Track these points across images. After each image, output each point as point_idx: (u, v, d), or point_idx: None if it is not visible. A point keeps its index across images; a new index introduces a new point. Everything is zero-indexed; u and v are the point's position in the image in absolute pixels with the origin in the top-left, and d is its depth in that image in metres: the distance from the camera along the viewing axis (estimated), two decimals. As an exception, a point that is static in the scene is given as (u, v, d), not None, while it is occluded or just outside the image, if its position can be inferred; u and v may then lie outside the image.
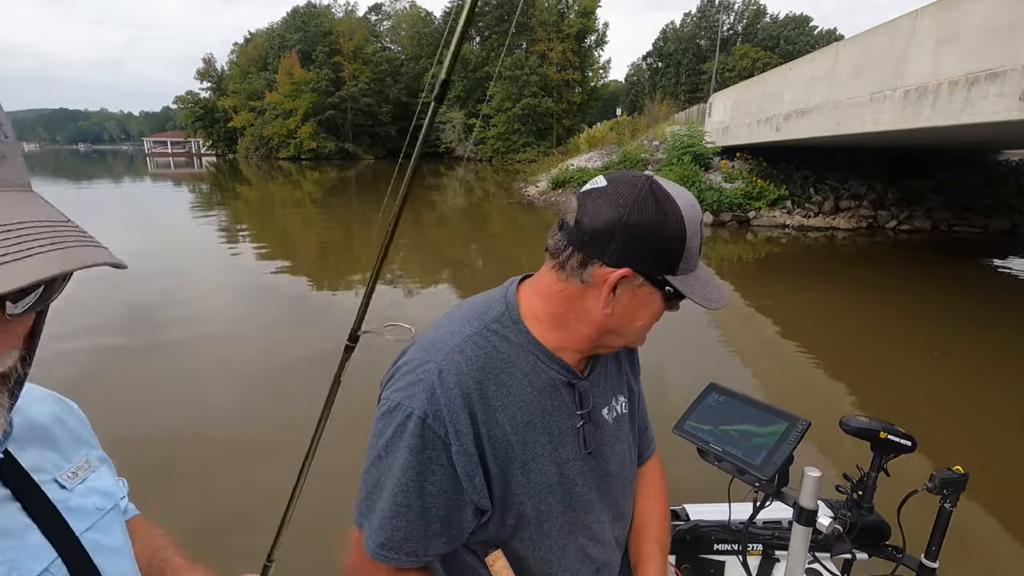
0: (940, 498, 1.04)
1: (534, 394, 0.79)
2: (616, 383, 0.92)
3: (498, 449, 0.76)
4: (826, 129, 9.20)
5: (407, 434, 0.72)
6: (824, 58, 9.70)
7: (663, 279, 0.74)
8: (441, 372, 0.74)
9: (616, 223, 0.71)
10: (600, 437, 0.86)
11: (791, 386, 4.67)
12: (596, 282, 0.74)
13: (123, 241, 10.13)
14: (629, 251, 0.71)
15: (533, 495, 0.79)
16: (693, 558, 1.36)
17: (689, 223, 0.72)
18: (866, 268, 9.40)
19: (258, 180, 30.23)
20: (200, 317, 6.23)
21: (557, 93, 44.67)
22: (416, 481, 0.73)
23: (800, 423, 0.93)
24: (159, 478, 3.08)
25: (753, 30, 60.09)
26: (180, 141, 78.89)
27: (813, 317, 6.58)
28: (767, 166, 13.79)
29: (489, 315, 0.81)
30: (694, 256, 0.75)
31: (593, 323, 0.77)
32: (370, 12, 61.43)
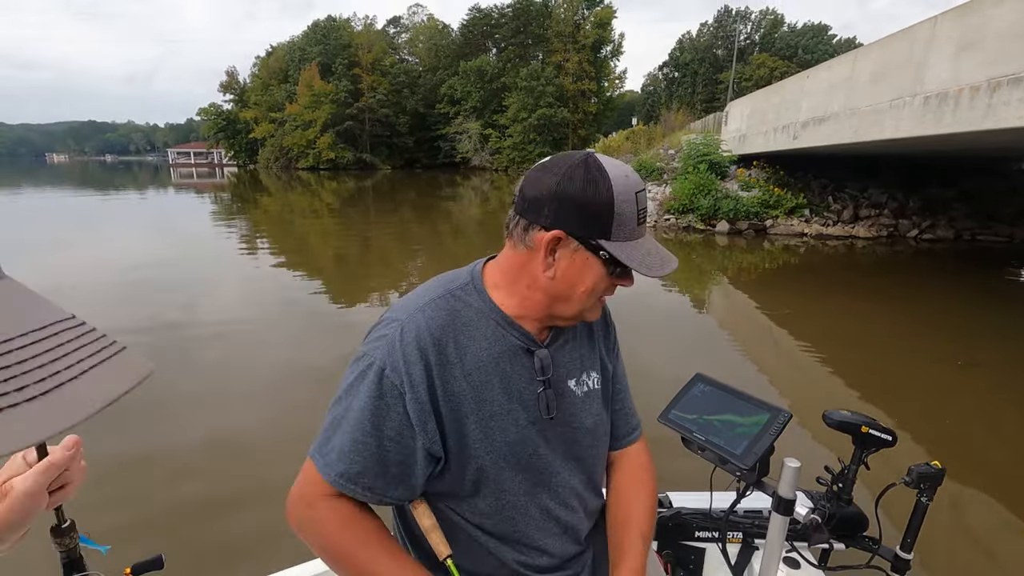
0: (917, 492, 1.06)
1: (493, 356, 0.84)
2: (588, 359, 0.96)
3: (453, 400, 0.82)
4: (845, 137, 9.09)
5: (368, 381, 0.80)
6: (842, 65, 9.61)
7: (597, 244, 0.78)
8: (403, 329, 0.82)
9: (550, 189, 0.78)
10: (565, 406, 0.90)
11: (808, 396, 4.59)
12: (536, 245, 0.81)
13: (148, 250, 10.36)
14: (561, 215, 0.78)
15: (491, 450, 0.84)
16: (674, 544, 1.39)
17: (619, 190, 0.77)
18: (887, 277, 9.23)
19: (278, 190, 30.74)
20: (220, 324, 6.34)
21: (573, 103, 44.89)
22: (373, 423, 0.79)
23: (782, 415, 0.95)
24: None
25: (771, 39, 59.82)
26: (203, 152, 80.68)
27: (832, 326, 6.47)
28: (784, 174, 13.66)
29: (455, 283, 0.89)
30: (629, 223, 0.79)
31: (541, 288, 0.83)
32: (388, 25, 62.51)
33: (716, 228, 12.74)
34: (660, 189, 15.01)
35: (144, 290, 7.61)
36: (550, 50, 45.87)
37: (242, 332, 5.94)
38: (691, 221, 13.01)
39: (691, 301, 7.89)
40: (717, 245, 11.73)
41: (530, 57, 47.82)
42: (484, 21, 51.60)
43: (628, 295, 7.98)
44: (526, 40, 48.22)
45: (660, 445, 1.22)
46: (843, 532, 1.16)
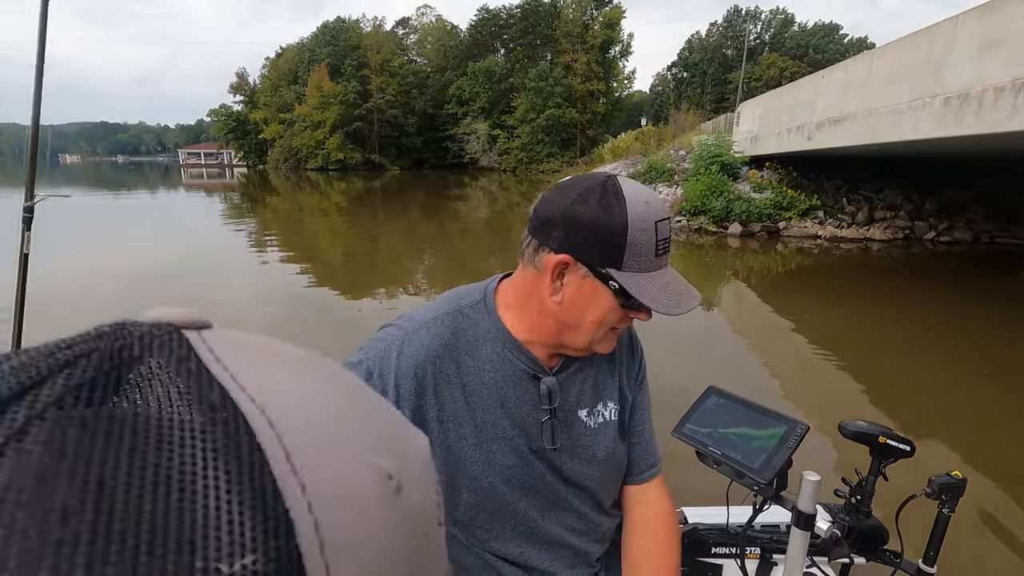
0: (938, 503, 1.04)
1: (496, 380, 0.82)
2: (606, 388, 0.92)
3: (448, 419, 0.81)
4: (861, 138, 8.95)
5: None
6: (858, 65, 9.47)
7: (606, 273, 0.74)
8: (404, 341, 0.81)
9: (562, 211, 0.75)
10: (575, 437, 0.88)
11: (825, 404, 4.49)
12: (544, 268, 0.77)
13: (160, 248, 10.39)
14: (570, 239, 0.74)
15: (492, 474, 0.82)
16: (691, 561, 1.35)
17: (635, 219, 0.72)
18: (903, 280, 9.09)
19: (287, 190, 30.88)
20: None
21: (581, 104, 44.76)
22: None
23: (799, 427, 0.93)
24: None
25: (781, 39, 59.38)
26: (213, 152, 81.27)
27: (848, 331, 6.35)
28: (797, 176, 13.50)
29: (466, 301, 0.86)
30: (645, 255, 0.74)
31: (550, 314, 0.80)
32: (397, 26, 62.65)
33: (728, 230, 12.61)
34: (671, 190, 14.89)
35: (161, 285, 7.62)
36: (558, 50, 45.77)
37: (253, 326, 5.90)
38: (703, 223, 12.89)
39: (704, 305, 7.79)
40: (729, 247, 11.61)
41: (538, 58, 47.74)
42: (492, 22, 51.60)
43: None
44: (534, 40, 48.17)
45: (674, 459, 1.19)
46: (863, 546, 1.12)
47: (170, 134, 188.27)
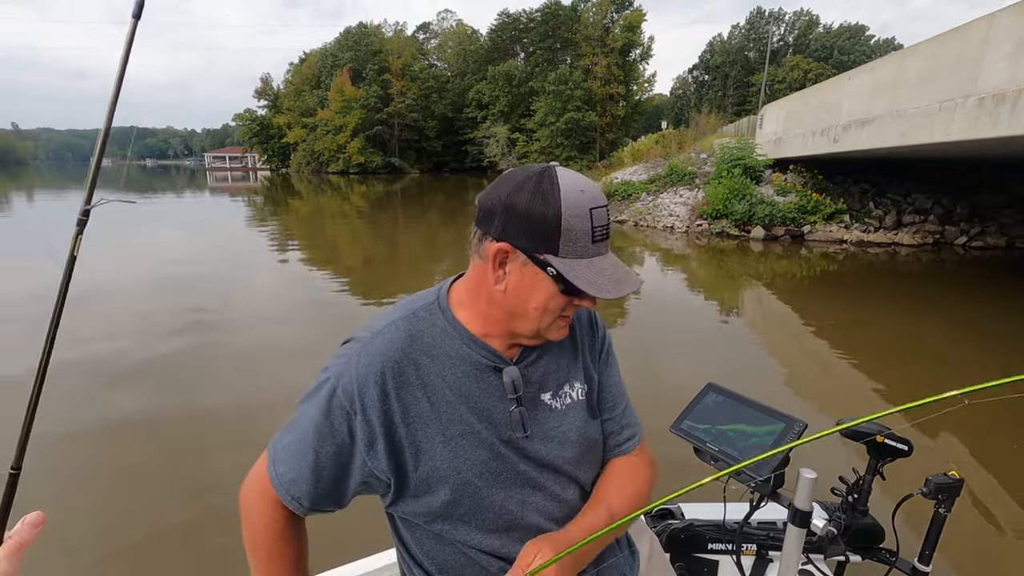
0: (935, 503, 1.04)
1: (458, 376, 0.83)
2: (570, 370, 0.92)
3: (414, 422, 0.81)
4: (889, 140, 8.74)
5: (320, 397, 0.82)
6: (887, 66, 9.26)
7: (544, 259, 0.76)
8: (361, 352, 0.82)
9: (500, 200, 0.77)
10: (542, 421, 0.88)
11: (846, 410, 4.36)
12: (487, 256, 0.79)
13: (188, 249, 10.58)
14: (508, 227, 0.76)
15: (463, 470, 0.83)
16: (687, 557, 1.36)
17: (568, 206, 0.74)
18: (934, 287, 8.82)
19: (309, 193, 31.30)
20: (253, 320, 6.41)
21: (601, 107, 44.57)
22: (315, 438, 0.81)
23: (797, 424, 0.92)
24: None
25: (805, 41, 58.44)
26: (237, 156, 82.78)
27: (870, 337, 6.18)
28: (823, 179, 13.25)
29: (419, 303, 0.88)
30: (581, 240, 0.75)
31: (497, 303, 0.81)
32: (418, 31, 63.20)
33: (751, 234, 12.41)
34: (692, 194, 14.73)
35: (186, 285, 7.75)
36: (578, 54, 45.67)
37: (269, 320, 5.99)
38: (725, 227, 12.70)
39: (725, 309, 7.66)
40: (752, 252, 11.41)
41: (558, 61, 47.68)
42: (512, 26, 51.73)
43: (656, 302, 7.82)
44: (554, 44, 48.13)
45: (672, 455, 1.19)
46: (859, 544, 1.13)
47: (196, 138, 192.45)
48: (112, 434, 3.71)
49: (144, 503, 2.94)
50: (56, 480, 3.12)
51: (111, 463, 3.40)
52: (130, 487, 3.11)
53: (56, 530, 2.68)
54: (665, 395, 4.20)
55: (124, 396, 4.34)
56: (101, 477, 3.24)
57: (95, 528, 2.76)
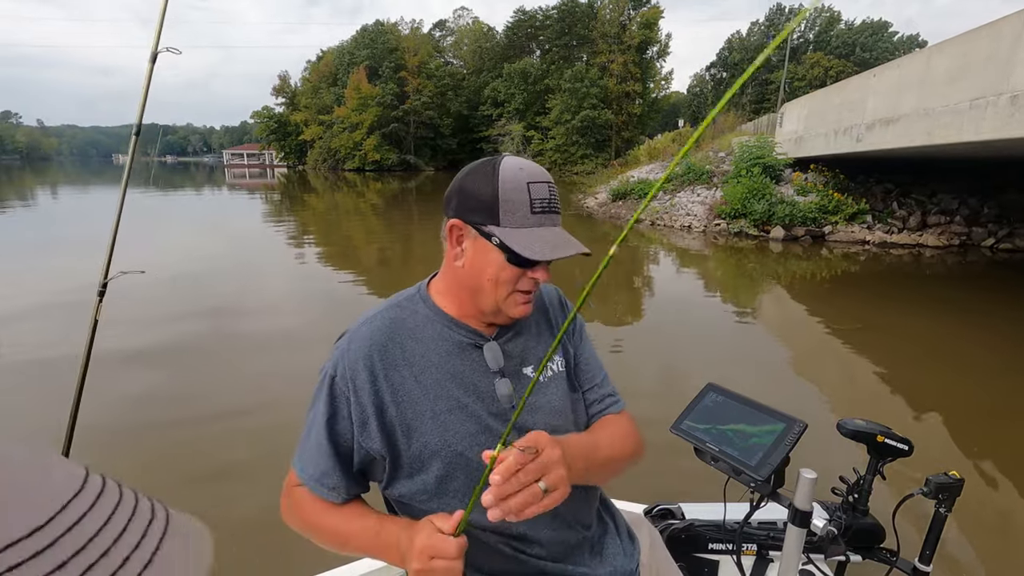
0: (935, 503, 1.04)
1: (442, 355, 0.89)
2: (548, 344, 0.98)
3: (403, 401, 0.87)
4: (916, 139, 8.53)
5: (324, 390, 0.88)
6: (914, 63, 9.03)
7: (488, 231, 0.83)
8: (350, 340, 0.90)
9: (455, 185, 0.88)
10: (530, 394, 0.91)
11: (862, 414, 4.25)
12: (446, 234, 0.88)
13: (207, 245, 10.67)
14: (460, 205, 0.86)
15: (455, 443, 0.86)
16: (688, 556, 1.37)
17: (505, 180, 0.83)
18: (960, 290, 8.59)
19: (325, 190, 31.52)
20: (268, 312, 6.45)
21: (617, 105, 44.26)
22: (329, 427, 0.87)
23: (797, 424, 0.93)
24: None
25: (826, 38, 57.46)
26: (255, 153, 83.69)
27: (895, 341, 6.03)
28: (845, 178, 12.99)
29: (401, 296, 0.97)
30: (520, 210, 0.82)
31: (459, 282, 0.90)
32: (434, 28, 63.35)
33: (770, 234, 12.22)
34: (709, 193, 14.55)
35: (207, 281, 7.84)
36: (595, 51, 45.38)
37: (287, 313, 6.02)
38: (743, 227, 12.52)
39: (741, 309, 7.54)
40: (771, 252, 11.23)
41: (574, 59, 47.43)
42: (528, 23, 51.56)
43: (671, 301, 7.72)
44: (571, 42, 47.89)
45: (672, 455, 1.29)
46: (860, 544, 1.13)
47: (215, 135, 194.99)
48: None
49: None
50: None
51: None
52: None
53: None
54: (675, 394, 4.13)
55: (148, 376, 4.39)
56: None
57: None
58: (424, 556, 0.77)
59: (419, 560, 0.77)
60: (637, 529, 1.12)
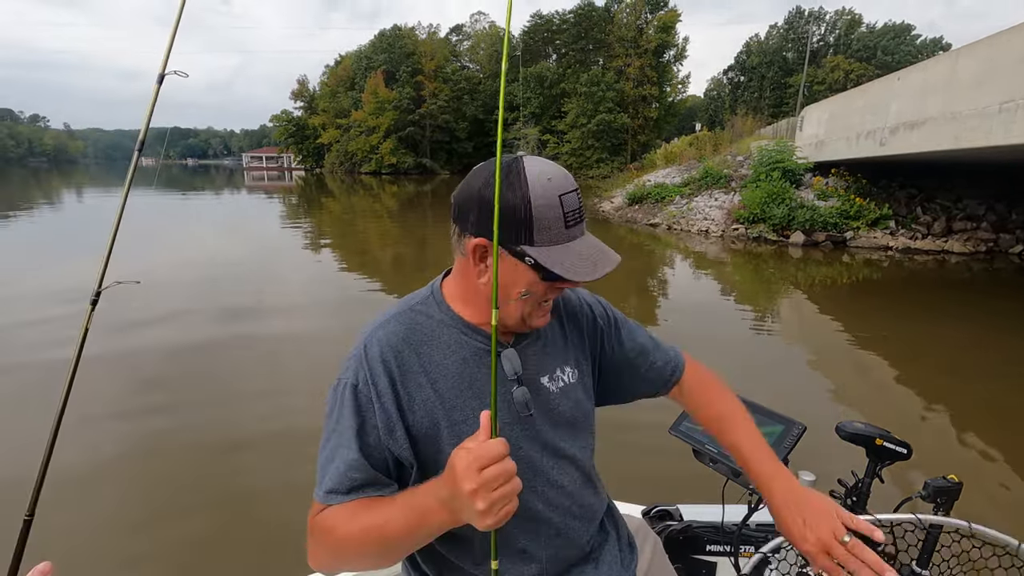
0: (933, 506, 1.03)
1: (459, 362, 0.85)
2: (561, 354, 0.96)
3: (420, 408, 0.83)
4: (942, 143, 8.33)
5: (345, 400, 0.82)
6: (940, 66, 8.84)
7: (521, 250, 0.77)
8: (366, 345, 0.85)
9: (472, 196, 0.79)
10: (540, 402, 0.90)
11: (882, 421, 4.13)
12: (467, 252, 0.81)
13: (226, 245, 10.80)
14: (483, 221, 0.77)
15: None
16: (686, 558, 1.37)
17: (537, 194, 0.76)
18: (987, 298, 8.36)
19: (341, 193, 31.81)
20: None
21: (633, 108, 44.05)
22: (359, 436, 0.81)
23: (796, 427, 0.94)
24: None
25: (847, 41, 56.64)
26: (274, 156, 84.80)
27: (917, 350, 5.88)
28: (867, 183, 12.76)
29: (415, 299, 0.91)
30: (554, 227, 0.77)
31: (482, 294, 0.84)
32: (451, 33, 63.67)
33: (790, 239, 12.03)
34: (728, 197, 14.39)
35: (227, 278, 7.93)
36: (611, 55, 45.23)
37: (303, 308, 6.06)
38: (762, 231, 12.35)
39: (758, 315, 7.42)
40: (790, 257, 11.06)
41: (591, 62, 47.32)
42: (545, 27, 51.61)
43: (688, 305, 7.62)
44: (587, 46, 47.80)
45: (671, 457, 1.27)
46: None
47: (235, 139, 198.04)
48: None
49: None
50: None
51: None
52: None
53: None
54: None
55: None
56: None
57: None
58: (473, 472, 0.66)
59: (470, 480, 0.66)
60: (640, 538, 1.11)
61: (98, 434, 3.61)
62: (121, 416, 3.90)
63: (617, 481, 0.98)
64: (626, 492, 1.56)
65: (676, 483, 2.63)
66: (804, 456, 0.96)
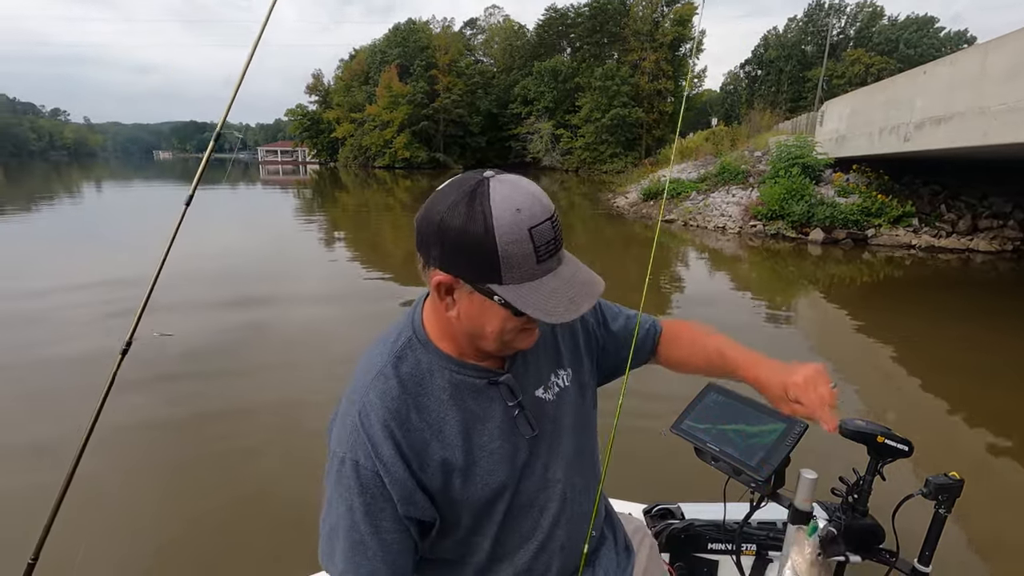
0: (935, 503, 1.04)
1: (459, 404, 0.81)
2: (552, 360, 0.93)
3: (431, 465, 0.79)
4: (971, 139, 8.10)
5: (347, 479, 0.76)
6: (968, 60, 8.59)
7: (488, 288, 0.70)
8: (360, 413, 0.77)
9: (434, 225, 0.70)
10: (544, 416, 0.88)
11: (926, 439, 4.02)
12: (432, 286, 0.75)
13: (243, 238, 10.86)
14: (447, 256, 0.70)
15: (481, 488, 0.82)
16: (687, 557, 1.37)
17: (504, 230, 0.67)
18: (1014, 299, 8.14)
19: (355, 187, 31.92)
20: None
21: (648, 103, 43.68)
22: (368, 520, 0.76)
23: (798, 424, 0.93)
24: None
25: (868, 33, 55.53)
26: (289, 150, 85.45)
27: (938, 352, 5.73)
28: (889, 180, 12.49)
29: (398, 343, 0.83)
30: (524, 265, 0.69)
31: (457, 329, 0.79)
32: (465, 27, 63.52)
33: (809, 236, 11.83)
34: (745, 193, 14.19)
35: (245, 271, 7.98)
36: (626, 49, 44.82)
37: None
38: (781, 228, 12.15)
39: (773, 313, 7.29)
40: (809, 255, 10.87)
41: (605, 56, 46.92)
42: (560, 21, 51.27)
43: (702, 301, 7.51)
44: (602, 39, 47.40)
45: (672, 455, 1.33)
46: (859, 544, 1.13)
47: (250, 132, 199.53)
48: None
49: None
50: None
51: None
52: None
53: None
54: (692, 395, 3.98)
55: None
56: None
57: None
58: None
59: None
60: (638, 540, 1.12)
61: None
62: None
63: (618, 480, 0.97)
64: (627, 491, 1.56)
65: (677, 481, 2.65)
66: (805, 455, 0.96)
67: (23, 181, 35.55)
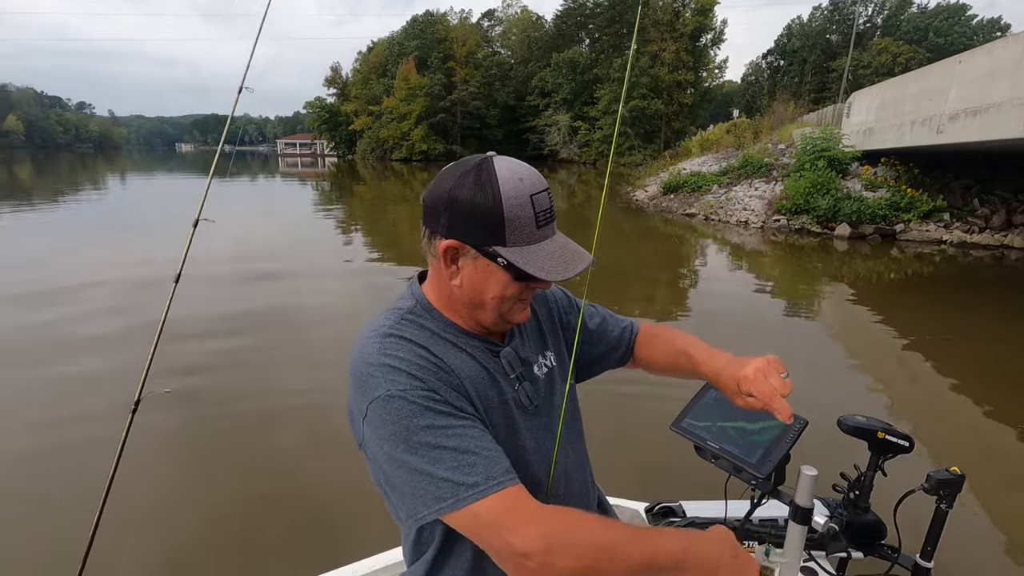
0: (936, 499, 1.04)
1: (465, 364, 0.83)
2: (539, 342, 0.98)
3: (467, 386, 0.80)
4: (1010, 131, 7.80)
5: (397, 410, 0.72)
6: (1008, 49, 8.26)
7: (493, 251, 0.77)
8: (386, 354, 0.77)
9: (442, 197, 0.78)
10: (539, 392, 0.91)
11: (956, 447, 3.88)
12: (438, 254, 0.80)
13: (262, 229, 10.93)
14: (455, 223, 0.77)
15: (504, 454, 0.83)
16: None
17: (509, 195, 0.75)
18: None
19: (372, 179, 32.04)
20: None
21: (667, 95, 43.06)
22: (445, 430, 0.73)
23: (798, 421, 0.92)
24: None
25: (895, 22, 54.02)
26: (307, 143, 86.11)
27: (970, 353, 5.54)
28: (919, 173, 12.13)
29: (404, 308, 0.86)
30: (526, 228, 0.77)
31: (458, 299, 0.84)
32: (483, 18, 63.15)
33: (835, 232, 11.55)
34: (768, 187, 13.91)
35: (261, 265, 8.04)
36: (646, 39, 44.10)
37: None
38: (805, 223, 11.89)
39: (792, 310, 7.12)
40: (835, 251, 10.62)
41: (624, 47, 46.30)
42: (578, 12, 50.69)
43: (723, 297, 7.36)
44: (621, 30, 46.77)
45: (672, 453, 1.31)
46: (861, 540, 1.13)
47: (270, 125, 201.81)
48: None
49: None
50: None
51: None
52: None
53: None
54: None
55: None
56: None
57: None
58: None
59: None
60: None
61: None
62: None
63: (619, 479, 0.93)
64: (628, 489, 1.58)
65: (677, 479, 2.67)
66: (805, 452, 0.96)
67: (57, 173, 36.27)
